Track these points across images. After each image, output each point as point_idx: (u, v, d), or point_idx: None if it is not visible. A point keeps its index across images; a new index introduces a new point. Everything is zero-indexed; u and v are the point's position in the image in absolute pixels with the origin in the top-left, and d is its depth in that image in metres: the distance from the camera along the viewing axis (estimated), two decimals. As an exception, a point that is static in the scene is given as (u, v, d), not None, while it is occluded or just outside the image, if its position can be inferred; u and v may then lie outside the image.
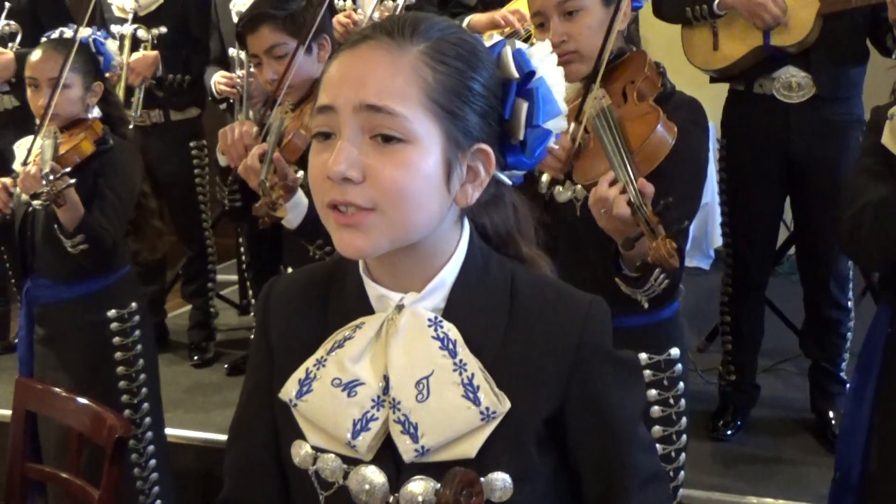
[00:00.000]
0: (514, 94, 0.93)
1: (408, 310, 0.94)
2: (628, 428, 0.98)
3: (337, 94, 0.89)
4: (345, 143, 0.87)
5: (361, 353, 0.94)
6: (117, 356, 2.37)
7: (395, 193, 0.87)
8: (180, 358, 3.59)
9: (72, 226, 2.18)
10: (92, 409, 1.71)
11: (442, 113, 0.88)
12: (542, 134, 0.95)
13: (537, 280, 0.99)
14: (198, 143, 3.58)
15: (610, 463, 0.97)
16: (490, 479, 0.92)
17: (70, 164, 2.23)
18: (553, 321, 0.95)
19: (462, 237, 0.97)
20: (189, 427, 2.95)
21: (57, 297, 2.37)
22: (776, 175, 2.66)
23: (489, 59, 0.93)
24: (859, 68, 2.60)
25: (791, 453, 2.66)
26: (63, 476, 1.75)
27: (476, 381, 0.91)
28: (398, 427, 0.92)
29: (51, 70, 2.29)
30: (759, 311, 2.89)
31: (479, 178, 0.93)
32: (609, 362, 0.97)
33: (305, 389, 0.96)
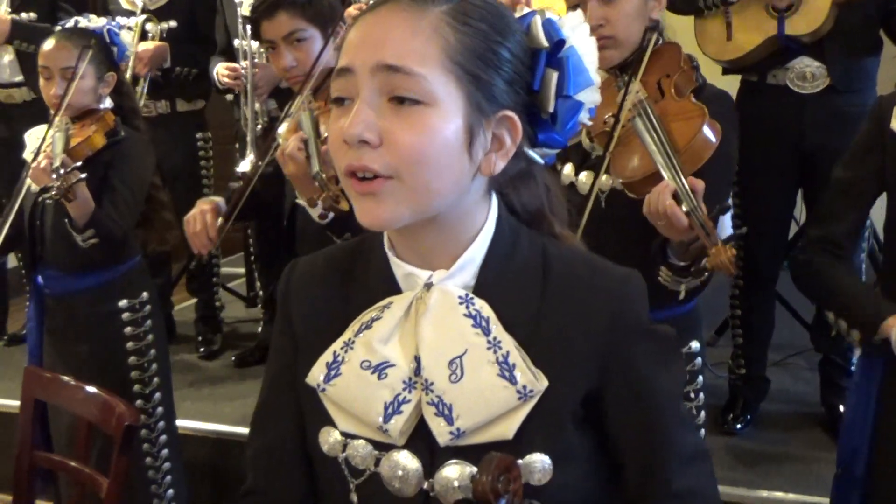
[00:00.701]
0: (544, 63, 0.90)
1: (437, 288, 0.91)
2: (669, 405, 0.95)
3: (355, 55, 0.87)
4: (362, 105, 0.85)
5: (390, 334, 0.92)
6: (129, 346, 2.36)
7: (412, 158, 0.84)
8: (187, 350, 3.58)
9: (82, 220, 2.17)
10: (101, 397, 1.70)
11: (464, 75, 0.86)
12: (574, 105, 0.92)
13: (570, 255, 0.95)
14: (203, 135, 3.58)
15: (651, 442, 0.94)
16: (529, 462, 0.89)
17: (81, 157, 2.22)
18: (587, 297, 0.92)
19: (490, 212, 0.93)
20: (196, 419, 2.95)
21: (67, 288, 2.36)
22: (789, 167, 2.64)
23: (517, 25, 0.91)
24: (873, 59, 2.58)
25: (800, 447, 2.64)
26: (72, 465, 1.74)
27: (511, 360, 0.88)
28: (432, 409, 0.89)
29: (63, 60, 2.27)
30: (770, 305, 2.87)
31: (504, 146, 0.90)
32: (646, 338, 0.93)
33: (333, 373, 0.93)
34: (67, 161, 2.12)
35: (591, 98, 0.94)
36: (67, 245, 2.23)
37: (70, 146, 2.22)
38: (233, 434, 2.88)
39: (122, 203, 2.26)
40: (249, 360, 3.43)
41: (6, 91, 3.57)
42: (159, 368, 2.41)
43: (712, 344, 3.36)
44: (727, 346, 2.99)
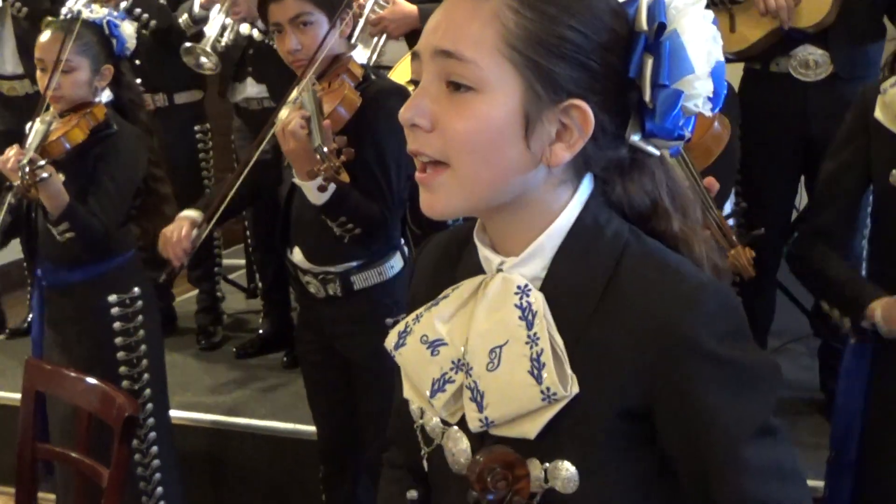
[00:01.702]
0: (642, 48, 0.84)
1: (501, 275, 0.89)
2: (729, 443, 0.82)
3: (423, 39, 0.87)
4: (420, 90, 0.85)
5: (452, 314, 0.92)
6: (118, 341, 2.35)
7: (461, 145, 0.83)
8: (188, 342, 3.59)
9: (55, 213, 2.16)
10: (101, 388, 1.71)
11: (522, 62, 0.82)
12: (672, 95, 0.84)
13: (651, 256, 0.87)
14: (202, 127, 3.58)
15: (707, 480, 0.83)
16: (555, 466, 0.86)
17: (58, 152, 2.21)
18: (646, 303, 0.83)
19: (572, 201, 0.88)
20: (196, 409, 2.96)
21: (60, 281, 2.37)
22: (792, 155, 2.64)
23: (607, 8, 0.85)
24: (877, 46, 2.58)
25: (800, 433, 2.65)
26: (73, 455, 1.75)
27: (543, 359, 0.84)
28: (468, 393, 0.88)
29: (58, 52, 2.26)
30: (771, 292, 2.89)
31: (571, 137, 0.84)
32: (706, 360, 0.82)
33: (401, 342, 0.95)
34: (35, 158, 2.10)
35: (695, 88, 0.85)
36: (55, 238, 2.22)
37: (47, 141, 2.20)
38: (232, 425, 2.89)
39: (106, 198, 2.25)
40: (250, 352, 3.44)
41: (9, 83, 3.57)
42: (150, 364, 2.40)
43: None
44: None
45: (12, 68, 3.54)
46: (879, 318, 1.59)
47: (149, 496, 2.42)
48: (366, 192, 1.94)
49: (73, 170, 2.23)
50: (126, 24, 2.42)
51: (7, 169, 2.14)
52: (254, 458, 2.85)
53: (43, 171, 2.08)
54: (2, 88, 3.60)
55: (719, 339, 0.82)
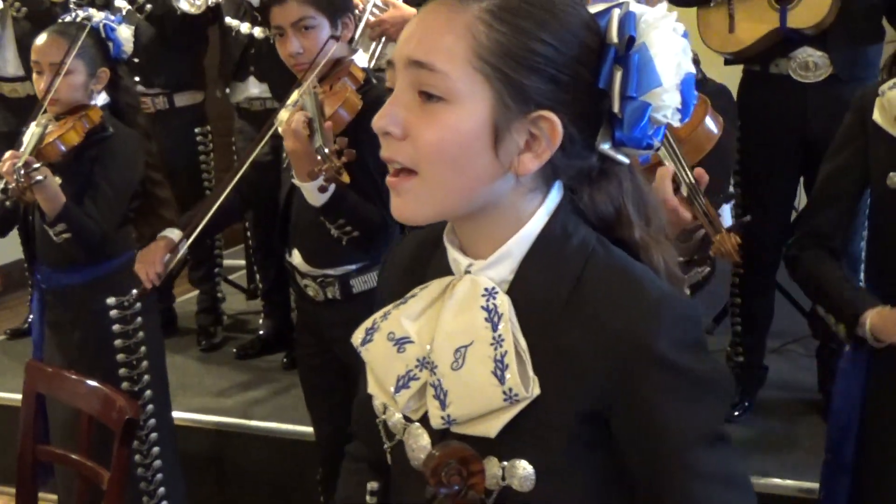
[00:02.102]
0: (611, 61, 0.86)
1: (469, 277, 0.91)
2: (681, 449, 0.84)
3: (397, 48, 0.89)
4: (392, 98, 0.88)
5: (419, 313, 0.94)
6: (117, 343, 2.35)
7: (430, 154, 0.85)
8: (188, 343, 3.60)
9: (52, 214, 2.17)
10: (102, 391, 1.72)
11: (493, 74, 0.84)
12: (640, 107, 0.86)
13: (615, 265, 0.89)
14: (202, 130, 3.58)
15: (660, 485, 0.86)
16: (513, 465, 0.88)
17: (54, 155, 2.22)
18: (609, 311, 0.85)
19: (541, 209, 0.90)
20: (197, 411, 2.97)
21: (59, 284, 2.38)
22: (791, 156, 2.64)
23: (580, 22, 0.87)
24: (876, 47, 2.58)
25: (799, 434, 2.66)
26: (73, 457, 1.76)
27: (507, 360, 0.86)
28: (432, 391, 0.91)
29: (53, 55, 2.27)
30: (770, 293, 2.88)
31: (539, 147, 0.86)
32: (662, 369, 0.84)
33: (368, 338, 0.97)
34: (30, 160, 2.11)
35: (663, 100, 0.87)
36: (53, 241, 2.23)
37: (42, 144, 2.21)
38: (233, 426, 2.90)
39: (102, 200, 2.26)
40: (250, 353, 3.45)
41: (10, 85, 3.58)
42: (151, 365, 2.40)
43: (710, 332, 3.37)
44: (725, 334, 3.00)
45: (14, 70, 3.55)
46: (868, 329, 1.60)
47: (150, 496, 2.43)
48: (365, 195, 1.94)
49: (70, 172, 2.24)
50: (123, 27, 2.43)
51: (2, 171, 2.15)
52: (255, 459, 2.86)
53: (38, 173, 2.09)
54: (3, 90, 3.62)
55: (677, 349, 0.85)
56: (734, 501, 0.86)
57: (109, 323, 2.35)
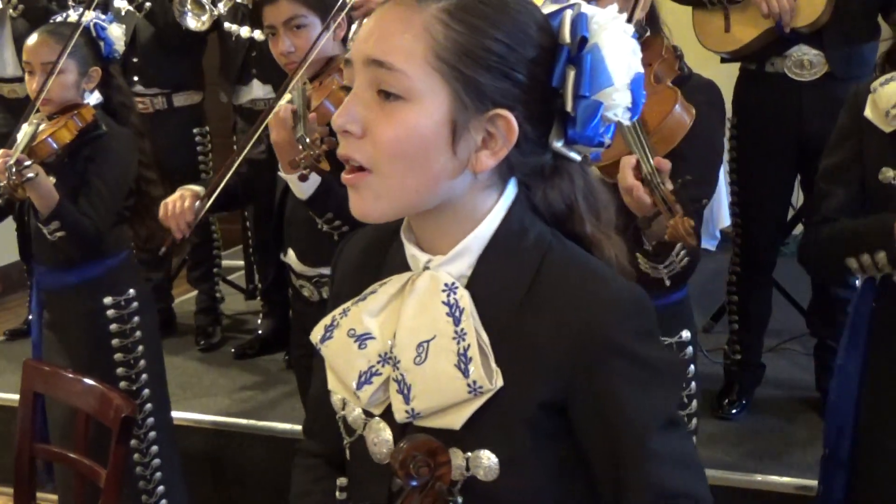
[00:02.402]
0: (564, 61, 0.88)
1: (429, 272, 0.93)
2: (639, 433, 0.88)
3: (355, 47, 0.90)
4: (351, 97, 0.89)
5: (380, 309, 0.95)
6: (115, 343, 2.36)
7: (389, 152, 0.87)
8: (187, 343, 3.60)
9: (45, 212, 2.17)
10: (98, 389, 1.73)
11: (450, 73, 0.86)
12: (592, 105, 0.89)
13: (572, 259, 0.92)
14: (201, 130, 3.59)
15: (618, 470, 0.89)
16: (477, 456, 0.90)
17: (45, 153, 2.22)
18: (567, 304, 0.88)
19: (497, 205, 0.92)
20: (195, 410, 2.97)
21: (55, 284, 2.38)
22: (787, 154, 2.65)
23: (535, 23, 0.89)
24: (871, 45, 2.59)
25: (796, 432, 2.67)
26: (71, 456, 1.76)
27: (470, 353, 0.89)
28: (395, 385, 0.92)
29: (44, 55, 2.28)
30: (767, 291, 2.89)
31: (496, 145, 0.89)
32: (622, 357, 0.88)
33: (328, 335, 0.98)
34: (22, 158, 2.12)
35: (614, 99, 0.90)
36: (48, 240, 2.23)
37: (34, 142, 2.21)
38: (232, 426, 2.90)
39: (96, 198, 2.26)
40: (249, 353, 3.45)
41: (9, 86, 3.59)
42: (148, 364, 2.41)
43: (709, 330, 3.38)
44: (723, 332, 3.01)
45: (13, 71, 3.56)
46: None
47: (149, 496, 2.44)
48: None
49: (64, 171, 2.24)
50: (113, 26, 2.44)
51: None
52: (253, 459, 2.86)
53: (29, 170, 2.09)
54: (2, 91, 3.63)
55: (634, 338, 0.89)
56: (688, 480, 0.90)
57: (107, 322, 2.35)
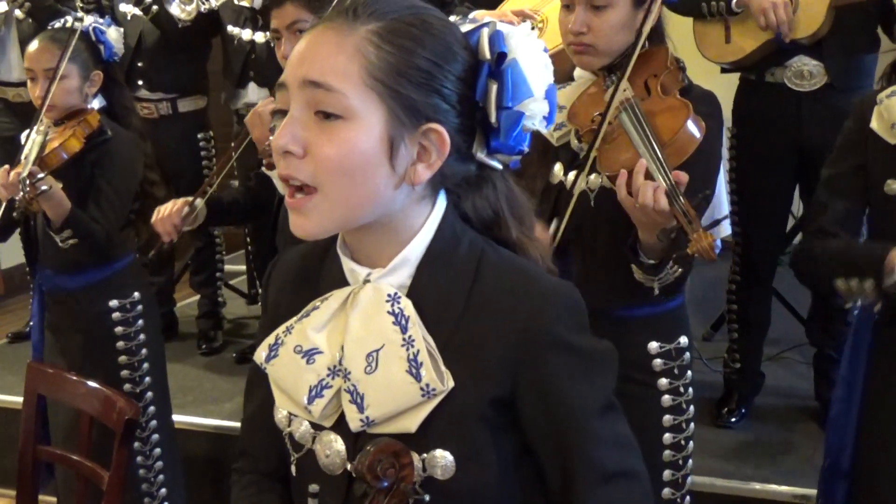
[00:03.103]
0: (486, 76, 0.94)
1: (371, 285, 0.97)
2: (583, 420, 0.95)
3: (288, 71, 0.93)
4: (290, 118, 0.91)
5: (324, 324, 0.98)
6: (119, 346, 2.38)
7: (332, 169, 0.90)
8: (189, 347, 3.62)
9: (58, 220, 2.18)
10: (102, 392, 1.74)
11: (385, 91, 0.90)
12: (514, 116, 0.95)
13: (505, 263, 0.98)
14: (205, 135, 3.61)
15: (564, 455, 0.96)
16: (432, 456, 0.94)
17: (56, 162, 2.23)
18: (508, 304, 0.94)
19: (431, 215, 0.97)
20: (197, 414, 2.99)
21: (60, 287, 2.40)
22: (787, 164, 2.66)
23: (458, 42, 0.95)
24: (871, 56, 2.60)
25: (795, 441, 2.67)
26: (74, 458, 1.78)
27: (420, 358, 0.93)
28: (347, 396, 0.95)
29: (46, 61, 2.29)
30: (767, 300, 2.90)
31: (430, 158, 0.93)
32: (562, 350, 0.94)
33: (273, 354, 1.01)
34: (35, 171, 2.13)
35: (534, 109, 0.97)
36: (55, 245, 2.25)
37: (45, 153, 2.22)
38: (233, 429, 2.91)
39: (105, 203, 2.28)
40: (250, 357, 3.41)
41: (14, 90, 3.61)
42: (152, 367, 2.43)
43: (709, 339, 3.39)
44: (724, 341, 3.02)
45: (18, 75, 3.58)
46: None
47: (152, 498, 2.45)
48: None
49: (70, 177, 2.25)
50: (112, 29, 2.46)
51: (7, 184, 2.16)
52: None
53: (43, 183, 2.11)
54: (7, 95, 3.64)
55: (571, 332, 0.95)
56: (626, 458, 0.98)
57: (112, 325, 2.37)
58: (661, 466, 1.67)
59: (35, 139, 2.25)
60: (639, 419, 1.61)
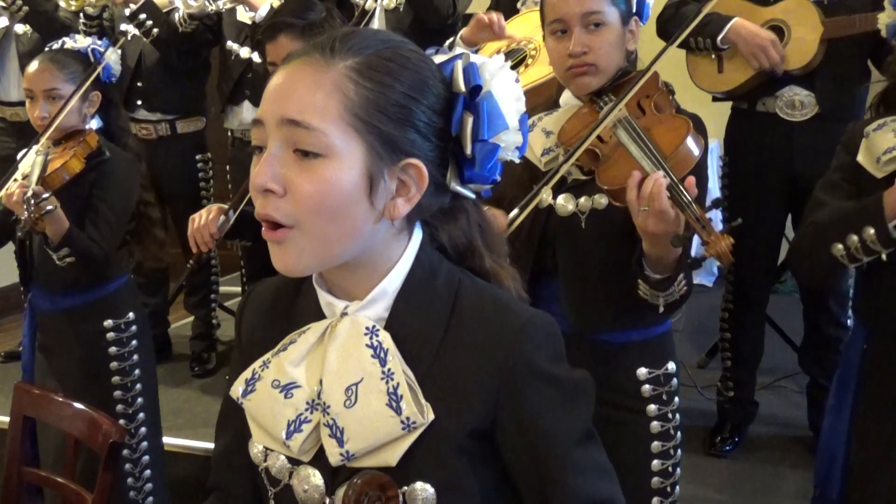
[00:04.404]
0: (461, 108, 0.94)
1: (349, 318, 0.96)
2: (563, 450, 0.95)
3: (264, 108, 0.91)
4: (268, 156, 0.90)
5: (301, 357, 0.97)
6: (113, 366, 2.37)
7: (312, 207, 0.89)
8: (182, 368, 3.61)
9: (57, 239, 2.19)
10: (88, 414, 1.73)
11: (364, 128, 0.89)
12: (490, 148, 0.95)
13: (482, 293, 0.98)
14: (203, 157, 3.61)
15: (544, 485, 0.95)
16: (413, 489, 0.93)
17: (58, 183, 2.25)
18: (486, 335, 0.94)
19: (408, 247, 0.97)
20: (189, 436, 2.97)
21: (55, 307, 2.40)
22: (779, 193, 2.67)
23: (433, 74, 0.94)
24: (862, 88, 2.62)
25: (788, 470, 2.66)
26: (59, 480, 1.76)
27: (400, 391, 0.92)
28: (327, 430, 0.94)
29: (46, 82, 2.32)
30: (760, 328, 2.90)
31: (409, 192, 0.93)
32: (541, 381, 0.94)
33: (250, 389, 0.99)
34: (39, 191, 2.14)
35: (508, 141, 0.97)
36: (52, 264, 2.25)
37: (47, 173, 2.24)
38: (224, 452, 2.89)
39: (103, 222, 2.29)
40: (244, 379, 3.44)
41: (12, 109, 3.63)
42: (144, 388, 2.42)
43: (703, 366, 3.38)
44: (718, 369, 3.01)
45: (16, 95, 3.60)
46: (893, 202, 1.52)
47: (141, 520, 2.43)
48: None
49: (68, 196, 2.26)
50: (110, 51, 2.48)
51: (12, 203, 2.17)
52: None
53: (47, 203, 2.13)
54: (5, 114, 3.66)
55: (550, 361, 0.95)
56: (607, 487, 0.98)
57: (106, 345, 2.37)
58: (649, 493, 1.66)
59: (36, 159, 2.26)
60: (628, 445, 1.64)
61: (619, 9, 1.65)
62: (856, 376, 1.75)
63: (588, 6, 1.62)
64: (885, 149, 1.60)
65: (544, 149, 1.71)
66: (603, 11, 1.63)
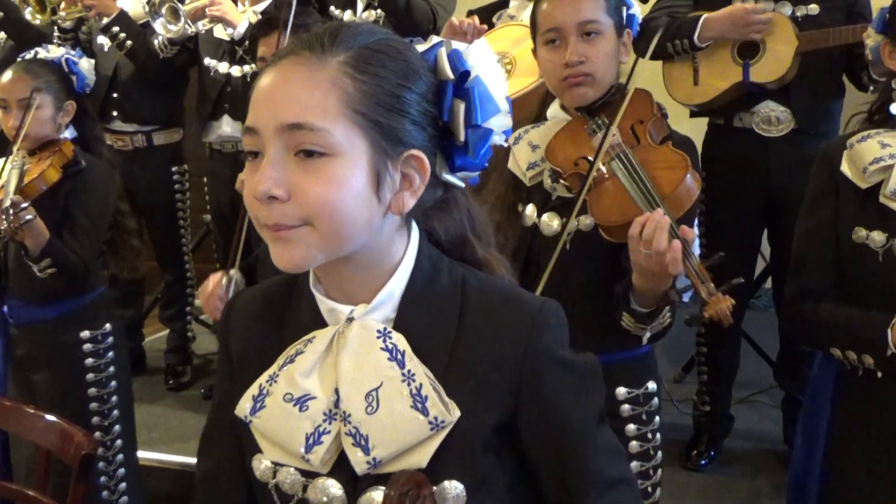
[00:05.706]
0: (451, 95, 0.93)
1: (357, 322, 0.94)
2: (582, 433, 0.97)
3: (258, 115, 0.89)
4: (269, 163, 0.88)
5: (312, 368, 0.95)
6: (89, 378, 2.35)
7: (322, 209, 0.87)
8: (157, 382, 3.57)
9: (37, 250, 2.17)
10: (59, 426, 1.70)
11: (365, 123, 0.88)
12: (484, 133, 0.94)
13: (488, 285, 0.97)
14: (179, 168, 3.59)
15: (566, 468, 0.97)
16: (442, 488, 0.92)
17: (35, 193, 2.23)
18: (501, 328, 0.94)
19: (409, 245, 0.96)
20: (164, 451, 2.94)
21: (30, 318, 2.37)
22: (755, 208, 2.69)
23: (421, 63, 0.93)
24: (837, 102, 2.66)
25: (763, 484, 2.67)
26: (30, 493, 1.73)
27: (424, 392, 0.91)
28: (349, 440, 0.92)
29: (20, 91, 2.30)
30: (735, 343, 2.91)
31: (413, 184, 0.92)
32: (558, 367, 0.95)
33: (259, 405, 0.96)
34: (17, 200, 2.12)
35: (500, 123, 0.96)
36: (29, 275, 2.23)
37: (23, 183, 2.22)
38: (198, 466, 2.86)
39: (81, 232, 2.27)
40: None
41: None
42: (120, 400, 2.40)
43: (679, 381, 3.39)
44: (694, 383, 3.02)
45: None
46: None
47: (116, 531, 2.40)
48: None
49: (44, 206, 2.24)
50: (83, 60, 2.47)
51: None
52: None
53: (26, 213, 2.11)
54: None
55: (563, 347, 0.97)
56: (622, 466, 1.02)
57: (83, 357, 2.35)
58: None
59: (12, 171, 2.24)
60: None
61: (614, 20, 1.63)
62: (830, 393, 1.69)
63: (585, 15, 1.60)
64: (872, 159, 1.58)
65: (529, 163, 1.68)
66: (600, 21, 1.61)
